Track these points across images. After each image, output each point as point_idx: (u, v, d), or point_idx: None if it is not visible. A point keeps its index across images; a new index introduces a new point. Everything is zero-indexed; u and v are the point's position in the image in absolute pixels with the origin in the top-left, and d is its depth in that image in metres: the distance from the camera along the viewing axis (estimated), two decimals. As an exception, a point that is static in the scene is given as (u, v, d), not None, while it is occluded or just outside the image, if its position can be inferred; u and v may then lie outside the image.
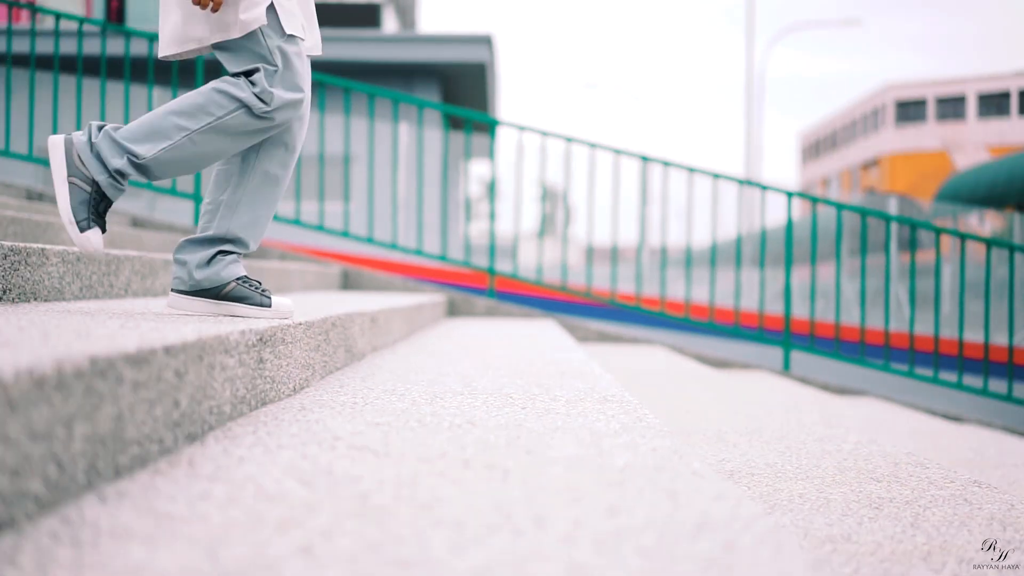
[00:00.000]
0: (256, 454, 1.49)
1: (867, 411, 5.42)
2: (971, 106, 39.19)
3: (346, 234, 6.62)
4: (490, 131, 13.11)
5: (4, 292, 2.34)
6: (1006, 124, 37.80)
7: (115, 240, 4.32)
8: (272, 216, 2.53)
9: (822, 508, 2.05)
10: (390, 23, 18.29)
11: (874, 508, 2.06)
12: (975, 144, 37.17)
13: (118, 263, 2.94)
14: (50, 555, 1.00)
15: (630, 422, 1.95)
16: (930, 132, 39.58)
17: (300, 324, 2.26)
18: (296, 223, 6.45)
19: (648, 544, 1.11)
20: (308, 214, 9.15)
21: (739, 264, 6.68)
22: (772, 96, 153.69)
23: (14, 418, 1.03)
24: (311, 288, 5.53)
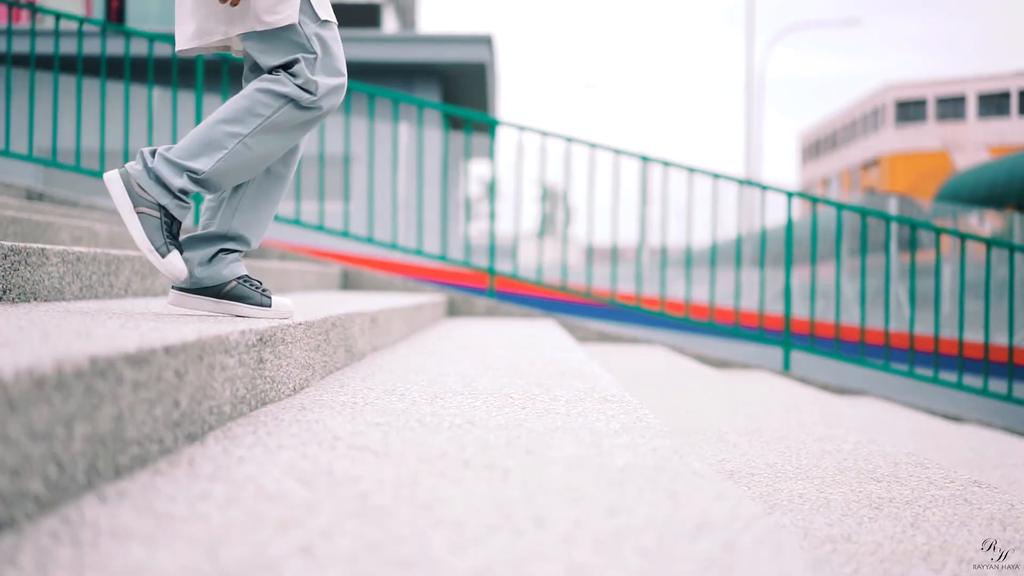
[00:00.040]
0: (256, 454, 1.49)
1: (867, 411, 5.42)
2: (971, 106, 39.19)
3: (346, 234, 6.62)
4: (490, 131, 13.11)
5: (4, 292, 2.34)
6: (1006, 124, 37.80)
7: (115, 240, 4.32)
8: (274, 214, 2.53)
9: (822, 508, 2.05)
10: (390, 23, 18.29)
11: (874, 508, 2.06)
12: (975, 144, 37.17)
13: (118, 263, 2.94)
14: (50, 555, 1.00)
15: (630, 422, 1.95)
16: (930, 132, 39.58)
17: (300, 324, 2.26)
18: (296, 223, 6.45)
19: (648, 544, 1.12)
20: (308, 214, 9.15)
21: (739, 264, 6.68)
22: (772, 96, 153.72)
23: (14, 418, 1.03)
24: (311, 288, 5.53)
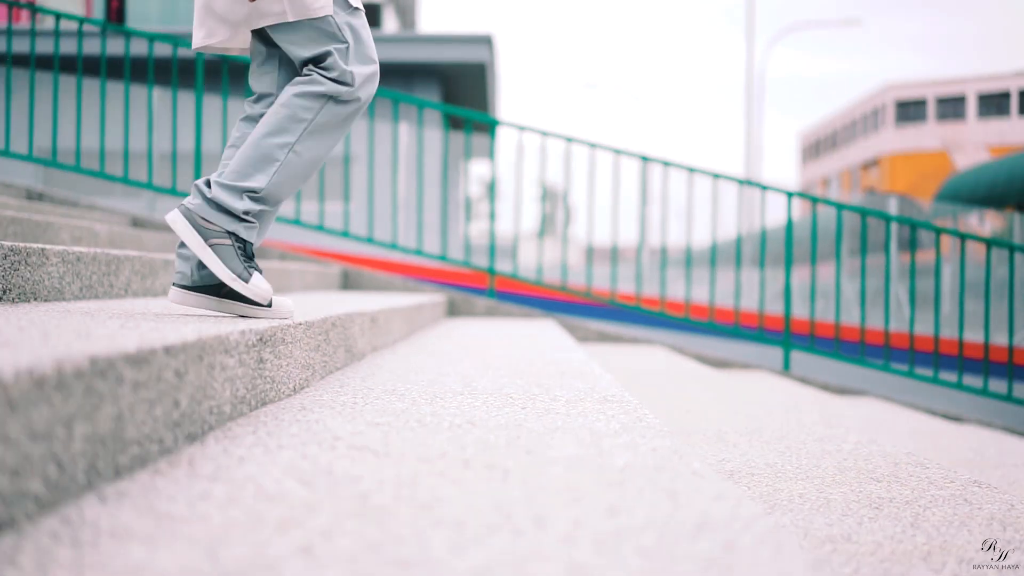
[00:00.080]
0: (256, 454, 1.49)
1: (867, 411, 5.42)
2: (971, 106, 39.20)
3: (346, 234, 6.62)
4: (490, 131, 13.11)
5: (4, 292, 2.34)
6: (1006, 124, 37.80)
7: (115, 240, 4.32)
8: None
9: (822, 508, 2.05)
10: (390, 23, 18.30)
11: (874, 508, 2.06)
12: (975, 144, 37.17)
13: (118, 263, 2.94)
14: (50, 555, 1.00)
15: (630, 422, 1.95)
16: (930, 132, 39.58)
17: (300, 324, 2.26)
18: (296, 223, 6.45)
19: (648, 544, 1.12)
20: (308, 214, 9.15)
21: (739, 264, 6.68)
22: (772, 96, 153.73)
23: (14, 418, 1.03)
24: (311, 288, 5.53)
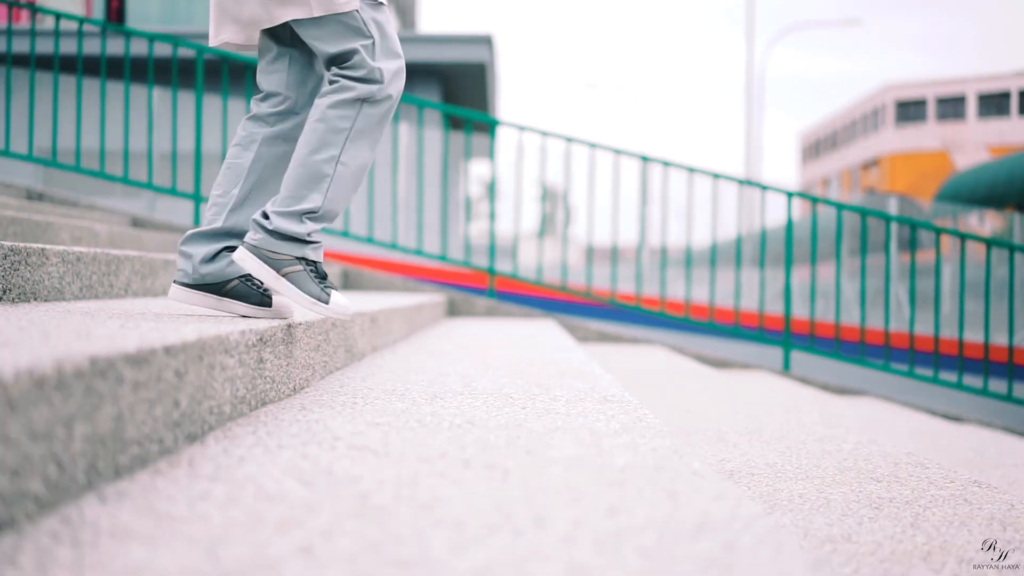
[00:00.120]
0: (256, 454, 1.49)
1: (867, 411, 5.42)
2: (971, 106, 39.19)
3: (346, 234, 6.62)
4: (490, 131, 13.11)
5: (4, 292, 2.34)
6: (1006, 124, 37.80)
7: (115, 240, 4.32)
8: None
9: (822, 508, 2.05)
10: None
11: (874, 508, 2.06)
12: (975, 144, 37.17)
13: (118, 263, 2.94)
14: (50, 555, 1.00)
15: (630, 422, 1.95)
16: (930, 132, 39.58)
17: (300, 324, 2.26)
18: (296, 223, 6.44)
19: (648, 544, 1.11)
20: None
21: (739, 264, 6.68)
22: (772, 96, 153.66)
23: (14, 418, 1.03)
24: (311, 288, 5.51)
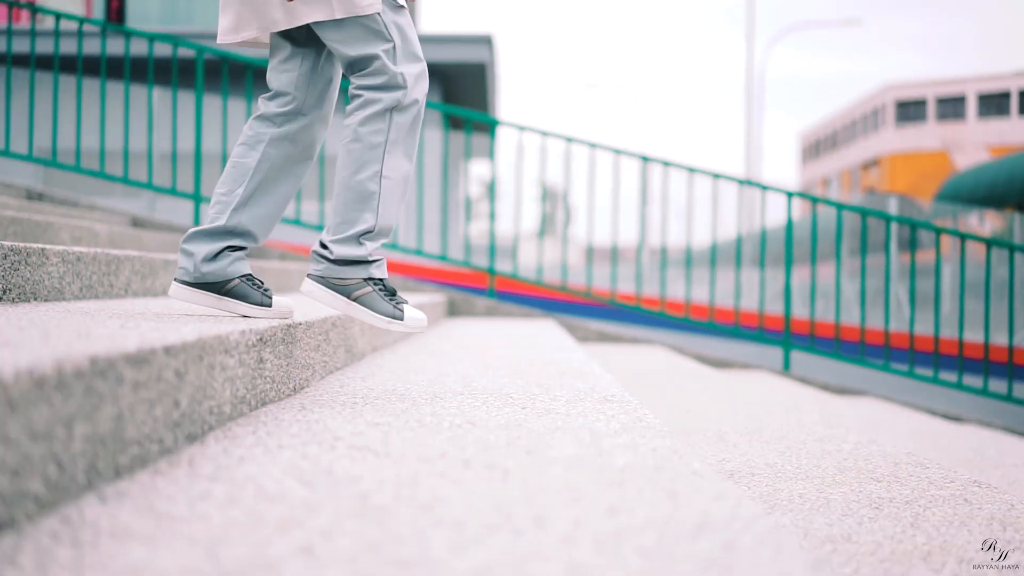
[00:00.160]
0: (256, 454, 1.49)
1: (867, 411, 5.42)
2: (971, 106, 39.19)
3: (346, 234, 6.60)
4: (490, 131, 13.11)
5: (4, 292, 2.34)
6: (1006, 124, 37.80)
7: (115, 240, 4.32)
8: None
9: (822, 508, 2.05)
10: (390, 23, 18.25)
11: (874, 508, 2.06)
12: (975, 144, 37.16)
13: (118, 263, 2.94)
14: (50, 555, 1.00)
15: (630, 422, 1.95)
16: (930, 132, 39.57)
17: (300, 324, 2.26)
18: (296, 223, 6.45)
19: (648, 544, 1.11)
20: (308, 214, 9.14)
21: (739, 264, 6.68)
22: (772, 96, 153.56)
23: (14, 418, 1.03)
24: (311, 288, 5.52)
